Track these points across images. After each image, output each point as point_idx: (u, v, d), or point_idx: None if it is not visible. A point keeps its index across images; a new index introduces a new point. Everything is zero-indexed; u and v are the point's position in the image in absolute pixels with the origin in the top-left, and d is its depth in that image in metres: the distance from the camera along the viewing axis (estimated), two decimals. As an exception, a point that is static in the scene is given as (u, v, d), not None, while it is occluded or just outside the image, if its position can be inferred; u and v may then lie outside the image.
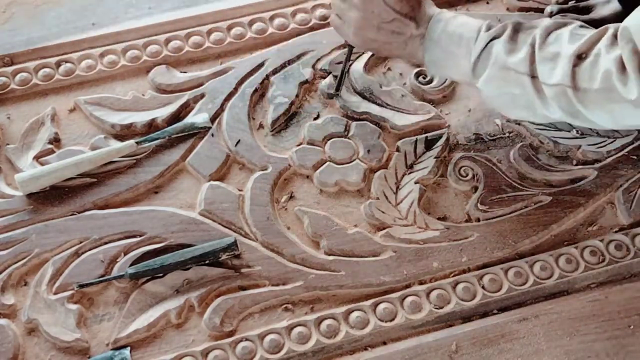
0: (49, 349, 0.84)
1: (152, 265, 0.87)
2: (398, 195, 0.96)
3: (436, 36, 0.89)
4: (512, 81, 0.84)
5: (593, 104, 0.80)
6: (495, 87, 0.86)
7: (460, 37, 0.88)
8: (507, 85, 0.85)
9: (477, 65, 0.87)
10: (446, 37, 0.89)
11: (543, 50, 0.82)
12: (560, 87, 0.81)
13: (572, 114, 0.83)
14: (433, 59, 0.91)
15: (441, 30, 0.89)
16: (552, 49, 0.82)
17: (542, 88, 0.83)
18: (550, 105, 0.83)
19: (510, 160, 0.99)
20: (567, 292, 0.90)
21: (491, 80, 0.86)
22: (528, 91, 0.84)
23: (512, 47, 0.84)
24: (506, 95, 0.86)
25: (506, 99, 0.87)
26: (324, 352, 0.85)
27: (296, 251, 0.91)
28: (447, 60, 0.90)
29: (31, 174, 0.93)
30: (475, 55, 0.87)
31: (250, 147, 0.99)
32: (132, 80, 1.06)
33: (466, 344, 0.85)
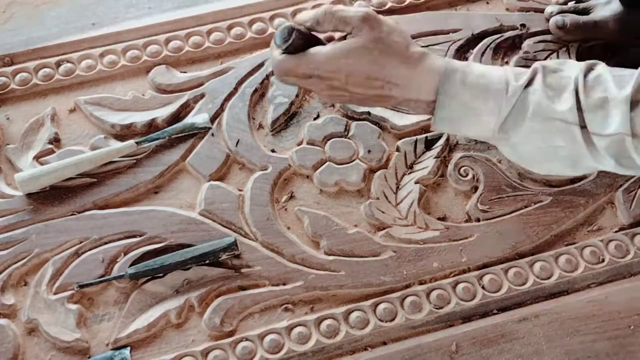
0: (49, 349, 0.84)
1: (152, 265, 0.87)
2: (398, 195, 0.96)
3: (453, 91, 0.78)
4: (558, 133, 0.76)
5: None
6: (535, 141, 0.77)
7: (486, 90, 0.77)
8: (550, 138, 0.76)
9: (508, 120, 0.77)
10: (467, 91, 0.78)
11: (589, 96, 0.74)
12: (618, 137, 0.73)
13: (624, 164, 0.75)
14: (448, 117, 0.80)
15: (460, 82, 0.78)
16: (598, 95, 0.74)
17: (592, 139, 0.75)
18: (602, 156, 0.75)
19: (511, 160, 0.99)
20: (567, 292, 0.90)
21: (531, 134, 0.77)
22: (577, 142, 0.75)
23: (553, 95, 0.76)
24: (548, 148, 0.77)
25: (545, 152, 0.78)
26: (324, 352, 0.85)
27: (296, 251, 0.91)
28: (467, 116, 0.79)
29: (31, 174, 0.93)
30: (508, 109, 0.77)
31: (250, 147, 0.99)
32: (132, 80, 1.06)
33: (466, 344, 0.85)
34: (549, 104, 0.76)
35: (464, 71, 0.79)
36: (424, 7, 1.15)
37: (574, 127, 0.75)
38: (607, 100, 0.74)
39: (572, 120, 0.75)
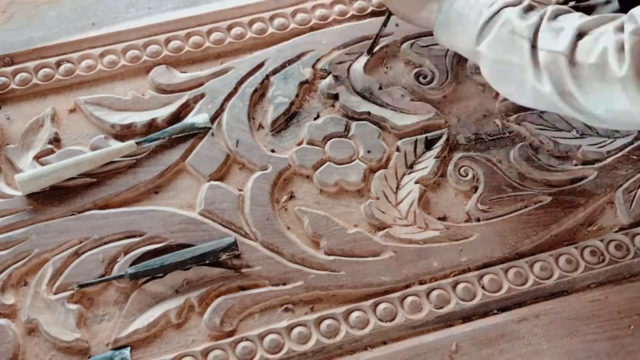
0: (49, 349, 0.84)
1: (152, 265, 0.87)
2: (398, 195, 0.96)
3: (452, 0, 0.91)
4: (513, 46, 0.84)
5: (584, 80, 0.79)
6: (498, 50, 0.87)
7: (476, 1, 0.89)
8: (508, 52, 0.85)
9: (484, 29, 0.88)
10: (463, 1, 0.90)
11: (550, 23, 0.83)
12: (557, 55, 0.80)
13: (561, 92, 0.81)
14: (445, 21, 0.92)
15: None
16: (558, 24, 0.82)
17: (538, 55, 0.82)
18: (542, 75, 0.82)
19: (510, 160, 0.99)
20: (567, 292, 0.90)
21: (495, 42, 0.86)
22: (524, 58, 0.83)
23: (524, 16, 0.85)
24: (504, 64, 0.86)
25: (502, 68, 0.87)
26: (324, 352, 0.85)
27: (296, 251, 0.91)
28: (458, 24, 0.91)
29: (31, 174, 0.93)
30: (486, 18, 0.87)
31: (250, 147, 0.99)
32: (132, 80, 1.06)
33: (466, 344, 0.85)
34: (516, 19, 0.85)
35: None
36: (424, 7, 1.15)
37: (525, 41, 0.83)
38: (562, 28, 0.82)
39: (526, 35, 0.83)
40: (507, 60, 0.86)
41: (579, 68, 0.79)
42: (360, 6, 1.14)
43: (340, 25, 1.12)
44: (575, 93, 0.80)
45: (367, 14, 1.13)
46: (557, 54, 0.80)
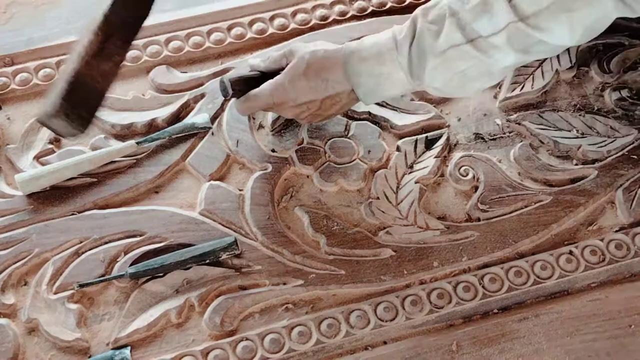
0: (49, 348, 0.84)
1: (152, 264, 0.87)
2: (398, 195, 0.96)
3: (356, 69, 0.88)
4: (455, 59, 0.83)
5: (548, 21, 0.78)
6: (443, 75, 0.85)
7: (380, 54, 0.86)
8: (452, 67, 0.83)
9: (412, 70, 0.86)
10: (366, 64, 0.87)
11: (466, 10, 0.80)
12: (509, 27, 0.79)
13: (526, 49, 0.81)
14: (366, 90, 0.89)
15: (357, 60, 0.88)
16: (475, 2, 0.80)
17: (489, 43, 0.80)
18: (504, 53, 0.81)
19: (511, 159, 0.99)
20: (568, 291, 0.90)
21: (435, 72, 0.84)
22: (475, 56, 0.82)
23: (435, 29, 0.83)
24: (456, 76, 0.85)
25: (457, 79, 0.85)
26: (324, 351, 0.85)
27: (296, 251, 0.91)
28: (380, 82, 0.88)
29: (31, 174, 0.93)
30: (406, 61, 0.85)
31: (251, 147, 0.99)
32: (132, 80, 1.06)
33: (466, 344, 0.85)
34: (436, 38, 0.83)
35: (358, 49, 0.88)
36: (424, 7, 1.15)
37: (464, 46, 0.82)
38: (485, 2, 0.79)
39: (460, 41, 0.82)
40: (457, 72, 0.84)
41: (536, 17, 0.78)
42: (360, 6, 1.14)
43: (340, 25, 1.12)
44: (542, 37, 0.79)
45: (367, 14, 1.13)
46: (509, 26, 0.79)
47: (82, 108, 0.79)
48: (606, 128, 1.01)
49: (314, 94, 0.90)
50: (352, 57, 0.88)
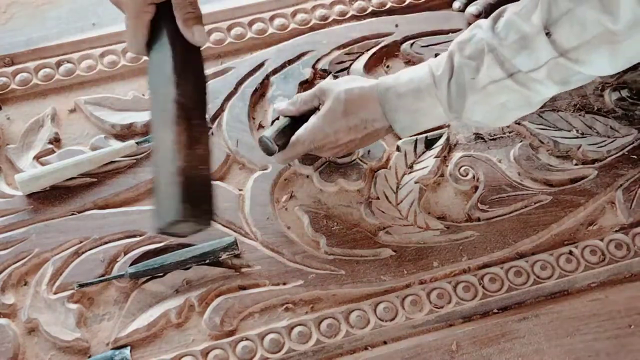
0: (49, 348, 0.84)
1: (152, 264, 0.87)
2: (398, 195, 0.96)
3: (394, 105, 0.87)
4: (495, 93, 0.82)
5: (589, 54, 0.77)
6: (483, 109, 0.84)
7: (418, 91, 0.86)
8: (492, 101, 0.83)
9: (451, 105, 0.85)
10: (404, 100, 0.87)
11: (506, 45, 0.80)
12: (550, 62, 0.78)
13: (565, 80, 0.80)
14: (404, 126, 0.89)
15: (395, 97, 0.87)
16: (514, 38, 0.79)
17: (529, 77, 0.80)
18: (544, 85, 0.81)
19: (511, 159, 0.99)
20: (568, 291, 0.90)
21: (475, 106, 0.84)
22: (517, 90, 0.81)
23: (474, 65, 0.82)
24: (495, 108, 0.84)
25: (497, 112, 0.85)
26: (324, 351, 0.85)
27: (296, 251, 0.91)
28: (418, 118, 0.88)
29: (31, 174, 0.93)
30: (445, 97, 0.85)
31: (251, 147, 0.99)
32: (132, 80, 1.06)
33: (466, 344, 0.85)
34: (476, 74, 0.82)
35: (394, 85, 0.88)
36: (424, 7, 1.15)
37: (505, 81, 0.81)
38: (523, 37, 0.79)
39: (500, 77, 0.81)
40: (497, 104, 0.84)
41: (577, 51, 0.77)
42: (360, 6, 1.14)
43: (340, 25, 1.12)
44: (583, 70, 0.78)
45: (367, 14, 1.13)
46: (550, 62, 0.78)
47: (202, 202, 0.75)
48: (606, 128, 1.01)
49: (354, 133, 0.90)
50: (388, 93, 0.87)
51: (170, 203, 0.73)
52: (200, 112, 0.79)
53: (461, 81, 0.83)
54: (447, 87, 0.84)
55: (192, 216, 0.73)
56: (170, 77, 0.76)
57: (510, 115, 0.87)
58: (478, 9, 1.10)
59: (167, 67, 0.77)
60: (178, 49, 0.78)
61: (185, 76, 0.78)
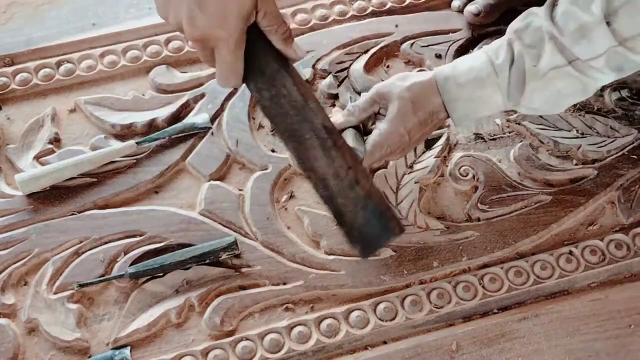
0: (49, 348, 0.84)
1: (152, 264, 0.87)
2: (398, 195, 0.96)
3: (454, 95, 0.87)
4: (555, 79, 0.83)
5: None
6: (541, 96, 0.85)
7: (479, 79, 0.86)
8: (550, 87, 0.84)
9: (510, 92, 0.86)
10: (465, 89, 0.87)
11: (566, 34, 0.81)
12: (610, 51, 0.79)
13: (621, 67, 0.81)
14: (462, 115, 0.89)
15: (455, 86, 0.87)
16: (573, 27, 0.80)
17: (588, 65, 0.81)
18: (602, 73, 0.82)
19: (511, 159, 0.99)
20: (568, 291, 0.90)
21: (535, 93, 0.85)
22: (575, 76, 0.82)
23: (535, 53, 0.83)
24: (552, 95, 0.85)
25: (554, 98, 0.86)
26: (324, 351, 0.85)
27: (296, 251, 0.91)
28: (477, 106, 0.88)
29: (31, 174, 0.93)
30: (506, 85, 0.85)
31: (251, 147, 0.99)
32: (132, 80, 1.06)
33: (466, 343, 0.85)
34: (537, 61, 0.83)
35: (453, 75, 0.88)
36: (424, 7, 1.15)
37: (565, 67, 0.82)
38: (583, 27, 0.79)
39: (561, 63, 0.82)
40: (554, 92, 0.85)
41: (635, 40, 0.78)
42: (360, 6, 1.14)
43: (340, 25, 1.12)
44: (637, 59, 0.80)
45: (367, 14, 1.13)
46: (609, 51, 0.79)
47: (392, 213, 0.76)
48: (606, 128, 1.01)
49: (423, 128, 0.90)
50: (448, 83, 0.87)
51: (376, 227, 0.74)
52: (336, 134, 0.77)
53: (522, 68, 0.84)
54: (508, 75, 0.85)
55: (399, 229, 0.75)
56: (304, 105, 0.74)
57: (565, 101, 0.87)
58: (477, 8, 1.10)
59: (294, 95, 0.74)
60: (293, 73, 0.75)
61: (312, 98, 0.76)
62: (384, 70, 1.08)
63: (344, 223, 0.75)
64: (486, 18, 1.11)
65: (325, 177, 0.74)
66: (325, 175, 0.74)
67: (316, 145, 0.74)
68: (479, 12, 1.10)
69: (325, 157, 0.74)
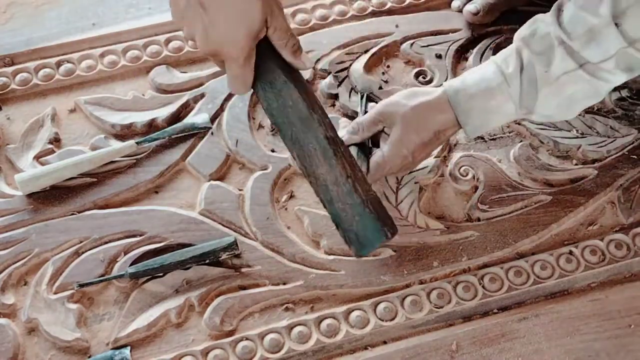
0: (49, 348, 0.84)
1: (152, 264, 0.87)
2: (398, 195, 0.96)
3: (466, 107, 0.87)
4: (566, 84, 0.83)
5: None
6: (554, 102, 0.85)
7: (489, 90, 0.86)
8: (562, 92, 0.84)
9: (522, 100, 0.85)
10: (476, 101, 0.87)
11: (574, 37, 0.81)
12: (619, 53, 0.79)
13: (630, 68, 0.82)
14: (474, 127, 0.88)
15: (467, 98, 0.87)
16: (581, 30, 0.80)
17: (599, 67, 0.81)
18: (613, 74, 0.82)
19: (511, 159, 0.99)
20: (568, 291, 0.90)
21: (547, 99, 0.85)
22: (586, 80, 0.82)
23: (545, 59, 0.83)
24: (564, 100, 0.85)
25: (566, 104, 0.86)
26: (324, 351, 0.85)
27: (296, 251, 0.91)
28: (489, 117, 0.88)
29: (31, 174, 0.93)
30: (517, 93, 0.85)
31: (250, 147, 0.99)
32: (132, 80, 1.06)
33: (466, 344, 0.85)
34: (548, 67, 0.83)
35: (463, 87, 0.88)
36: (424, 7, 1.15)
37: (577, 71, 0.82)
38: (591, 30, 0.80)
39: (572, 68, 0.82)
40: (565, 97, 0.85)
41: None
42: (360, 6, 1.14)
43: (340, 25, 1.12)
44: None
45: (367, 14, 1.13)
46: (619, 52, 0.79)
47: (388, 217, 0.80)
48: (606, 128, 1.01)
49: (429, 148, 0.90)
50: (458, 96, 0.87)
51: (370, 231, 0.78)
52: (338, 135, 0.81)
53: (532, 75, 0.84)
54: (520, 83, 0.85)
55: (392, 233, 0.79)
56: (308, 116, 0.79)
57: (578, 106, 0.87)
58: (476, 7, 1.10)
59: (299, 106, 0.79)
60: (300, 84, 0.80)
61: (317, 108, 0.80)
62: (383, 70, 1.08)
63: (342, 226, 0.79)
64: (485, 17, 1.11)
65: (326, 183, 0.79)
66: (325, 182, 0.79)
67: (318, 154, 0.79)
68: (477, 11, 1.10)
69: (326, 165, 0.79)
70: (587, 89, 0.84)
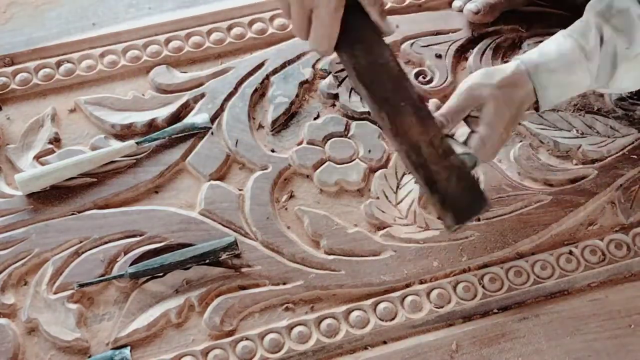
0: (49, 348, 0.84)
1: (152, 264, 0.87)
2: (398, 195, 0.96)
3: (545, 82, 0.87)
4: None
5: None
6: (633, 75, 0.88)
7: (570, 65, 0.87)
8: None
9: (599, 75, 0.88)
10: (556, 76, 0.87)
11: None
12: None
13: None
14: (549, 101, 0.89)
15: (547, 73, 0.87)
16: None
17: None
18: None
19: (511, 159, 0.99)
20: (568, 291, 0.90)
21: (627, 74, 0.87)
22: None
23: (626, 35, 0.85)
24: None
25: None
26: (324, 351, 0.85)
27: (296, 250, 0.91)
28: (566, 91, 0.89)
29: (31, 174, 0.93)
30: (596, 69, 0.87)
31: (250, 147, 0.99)
32: (132, 80, 1.06)
33: (466, 343, 0.85)
34: (629, 46, 0.86)
35: (543, 62, 0.88)
36: (424, 7, 1.15)
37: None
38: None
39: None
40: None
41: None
42: (360, 6, 1.14)
43: (340, 25, 1.12)
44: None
45: (367, 14, 1.13)
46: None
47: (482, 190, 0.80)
48: (606, 128, 1.01)
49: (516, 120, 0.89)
50: (539, 70, 0.87)
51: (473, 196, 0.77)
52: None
53: (613, 51, 0.86)
54: (600, 59, 0.87)
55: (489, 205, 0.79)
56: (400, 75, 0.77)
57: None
58: (477, 7, 1.10)
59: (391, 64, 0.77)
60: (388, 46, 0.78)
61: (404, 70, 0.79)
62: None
63: (436, 191, 0.76)
64: (486, 17, 1.11)
65: (419, 144, 0.76)
66: (419, 142, 0.77)
67: (411, 113, 0.77)
68: (478, 11, 1.10)
69: (419, 125, 0.77)
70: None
